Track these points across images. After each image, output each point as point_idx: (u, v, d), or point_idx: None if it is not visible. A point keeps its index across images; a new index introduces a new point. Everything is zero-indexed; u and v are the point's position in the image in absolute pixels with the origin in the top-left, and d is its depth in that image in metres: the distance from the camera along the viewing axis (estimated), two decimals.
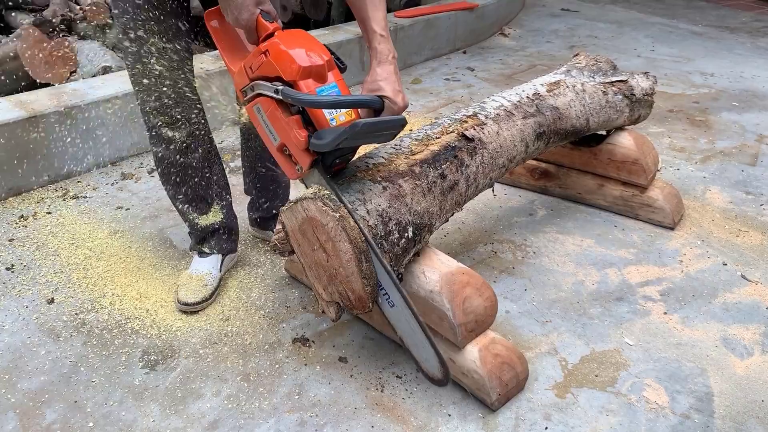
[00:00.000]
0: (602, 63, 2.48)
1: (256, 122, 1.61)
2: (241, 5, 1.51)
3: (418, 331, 1.57)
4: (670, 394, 1.74)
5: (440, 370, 1.58)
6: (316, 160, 1.56)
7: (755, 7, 6.32)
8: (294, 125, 1.51)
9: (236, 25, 1.58)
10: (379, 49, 1.60)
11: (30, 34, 3.34)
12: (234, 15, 1.54)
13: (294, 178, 1.63)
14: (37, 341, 1.89)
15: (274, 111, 1.53)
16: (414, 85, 4.08)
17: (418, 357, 1.63)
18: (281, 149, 1.58)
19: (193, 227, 2.10)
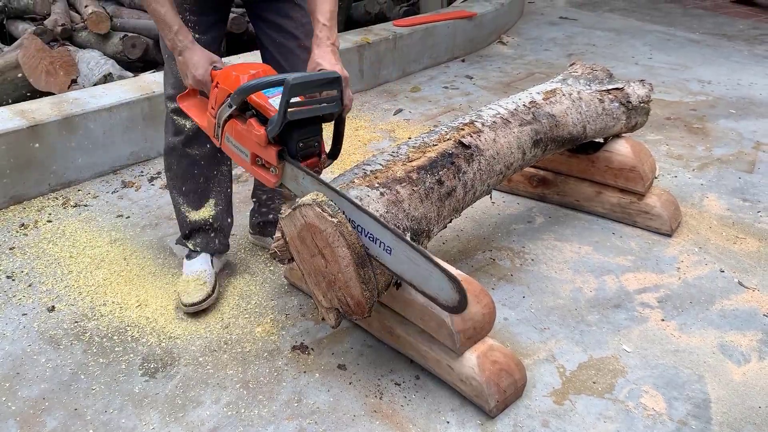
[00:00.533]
0: (598, 71, 2.49)
1: (231, 154, 1.75)
2: (197, 64, 1.76)
3: (421, 263, 1.50)
4: (667, 401, 1.75)
5: (455, 290, 1.49)
6: (281, 152, 1.64)
7: (752, 15, 6.36)
8: (252, 127, 1.64)
9: (195, 85, 1.80)
10: (319, 36, 1.76)
11: (31, 43, 3.36)
12: (192, 74, 1.77)
13: (273, 183, 1.70)
14: (38, 349, 1.90)
15: (235, 127, 1.69)
16: (413, 93, 4.10)
17: (432, 292, 1.54)
18: (254, 161, 1.69)
19: (183, 220, 2.16)
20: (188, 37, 1.78)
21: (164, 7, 1.74)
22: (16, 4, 4.20)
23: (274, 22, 2.01)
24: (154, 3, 1.74)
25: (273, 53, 2.03)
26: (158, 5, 1.74)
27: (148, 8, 1.77)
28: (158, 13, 1.75)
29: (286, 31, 2.01)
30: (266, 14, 2.01)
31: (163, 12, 1.74)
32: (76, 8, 4.29)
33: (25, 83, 3.26)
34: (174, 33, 1.76)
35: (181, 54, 1.78)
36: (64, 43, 3.90)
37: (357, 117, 3.68)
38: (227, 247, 2.25)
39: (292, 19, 2.00)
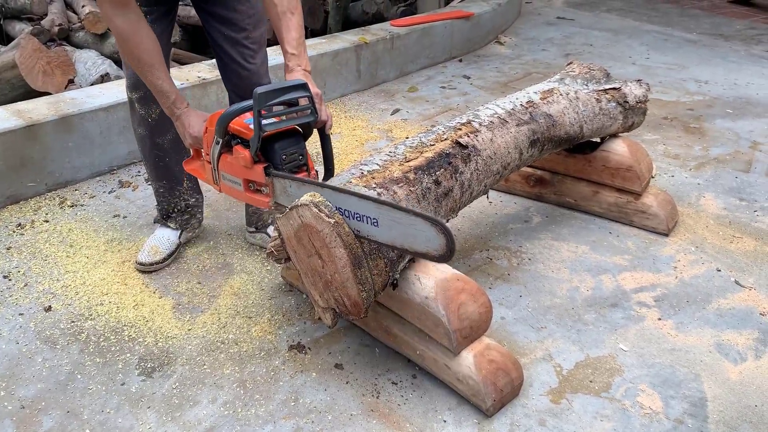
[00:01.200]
0: (595, 71, 2.50)
1: (229, 192, 1.83)
2: (193, 124, 1.87)
3: (404, 219, 1.48)
4: (664, 400, 1.75)
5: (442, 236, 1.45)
6: (267, 168, 1.70)
7: (749, 16, 6.37)
8: (237, 152, 1.73)
9: (193, 142, 1.90)
10: (290, 65, 1.84)
11: (28, 43, 3.35)
12: (189, 134, 1.88)
13: (267, 204, 1.77)
14: (34, 349, 1.90)
15: (224, 161, 1.78)
16: (410, 93, 4.11)
17: (420, 247, 1.50)
18: (247, 187, 1.77)
19: (161, 203, 2.34)
20: (184, 104, 1.89)
21: (160, 80, 1.84)
22: (13, 4, 4.19)
23: (222, 15, 2.07)
24: (150, 76, 1.83)
25: (223, 46, 2.11)
26: (154, 78, 1.83)
27: (146, 80, 1.86)
28: (155, 85, 1.85)
29: (233, 23, 2.08)
30: (213, 9, 2.07)
31: (159, 84, 1.84)
32: (73, 8, 4.28)
33: (22, 83, 3.26)
34: (171, 102, 1.87)
35: (179, 119, 1.89)
36: (61, 43, 3.90)
37: (354, 117, 3.68)
38: (200, 221, 2.44)
39: (238, 12, 2.07)
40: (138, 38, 1.77)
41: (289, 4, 1.83)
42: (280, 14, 1.83)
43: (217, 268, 2.29)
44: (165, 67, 1.85)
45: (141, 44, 1.78)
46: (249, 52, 2.12)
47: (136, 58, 1.81)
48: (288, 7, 1.83)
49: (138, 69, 1.84)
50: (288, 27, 1.83)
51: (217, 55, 2.16)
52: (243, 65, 2.12)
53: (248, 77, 2.14)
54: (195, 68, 3.35)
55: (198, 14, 2.14)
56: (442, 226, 1.44)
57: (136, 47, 1.78)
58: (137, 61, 1.81)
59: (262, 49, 2.17)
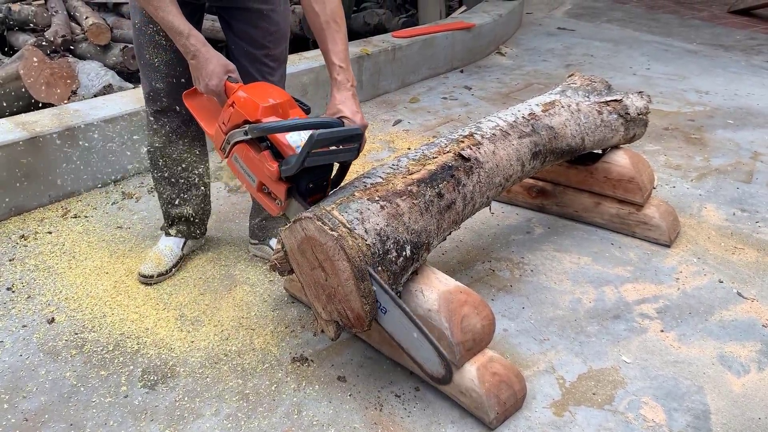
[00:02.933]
0: (597, 83, 2.51)
1: (236, 172, 1.78)
2: (211, 73, 1.75)
3: (413, 330, 1.55)
4: (667, 412, 1.75)
5: (441, 364, 1.55)
6: (290, 189, 1.68)
7: (749, 26, 6.39)
8: (265, 159, 1.67)
9: (207, 93, 1.80)
10: (338, 79, 1.77)
11: (32, 55, 3.38)
12: (205, 82, 1.77)
13: (276, 212, 1.75)
14: (37, 361, 1.90)
15: (246, 153, 1.70)
16: (412, 104, 4.12)
17: (419, 360, 1.60)
18: (260, 188, 1.74)
19: (167, 212, 2.34)
20: (200, 40, 1.76)
21: (171, 14, 1.73)
22: (17, 15, 4.22)
23: (243, 31, 2.05)
24: (161, 12, 1.73)
25: (242, 62, 2.09)
26: (166, 13, 1.73)
27: (156, 17, 1.77)
28: (166, 21, 1.74)
29: (254, 40, 2.06)
30: (236, 24, 2.06)
31: (170, 19, 1.74)
32: (76, 19, 4.31)
33: (25, 94, 3.28)
34: (186, 37, 1.75)
35: (195, 57, 1.76)
36: (64, 54, 3.92)
37: None
38: (204, 232, 2.44)
39: (259, 28, 2.05)
40: None
41: (333, 15, 1.77)
42: (324, 24, 1.77)
43: (220, 279, 2.29)
44: (176, 4, 1.76)
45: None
46: (267, 69, 2.09)
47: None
48: (332, 16, 1.77)
49: (148, 4, 1.74)
50: (334, 39, 1.77)
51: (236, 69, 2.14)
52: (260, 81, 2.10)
53: None
54: None
55: (221, 26, 2.12)
56: (446, 360, 1.54)
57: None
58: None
59: (282, 67, 2.15)
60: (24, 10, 4.22)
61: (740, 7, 6.83)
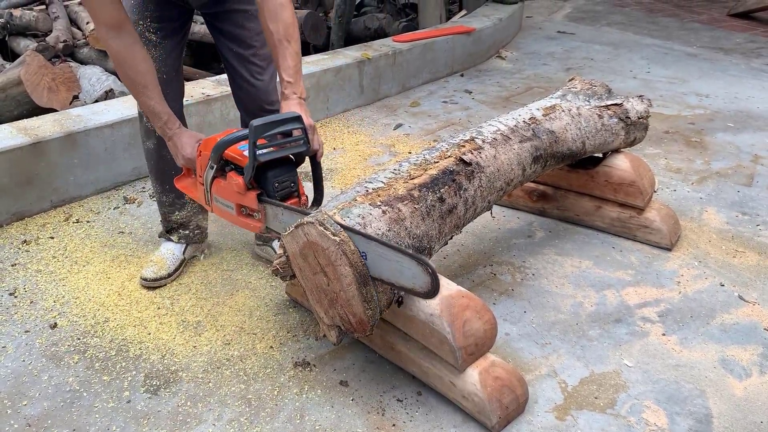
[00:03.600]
0: (597, 87, 2.52)
1: (221, 214, 1.88)
2: (185, 144, 1.91)
3: (391, 255, 1.52)
4: (669, 416, 1.75)
5: (427, 274, 1.49)
6: (260, 196, 1.76)
7: (749, 29, 6.41)
8: (231, 179, 1.78)
9: (186, 163, 1.94)
10: (285, 93, 1.87)
11: (33, 60, 3.38)
12: (181, 155, 1.92)
13: (258, 228, 1.82)
14: (40, 366, 1.90)
15: (218, 186, 1.83)
16: (412, 108, 4.13)
17: (406, 282, 1.54)
18: (239, 211, 1.83)
19: (166, 218, 2.36)
20: (176, 124, 1.93)
21: (153, 100, 1.87)
22: (19, 20, 4.24)
23: (231, 32, 2.11)
24: (143, 97, 1.87)
25: (232, 63, 2.16)
26: (147, 99, 1.87)
27: (138, 101, 1.91)
28: (148, 106, 1.88)
29: (242, 40, 2.12)
30: (223, 25, 2.12)
31: (152, 105, 1.88)
32: (77, 25, 4.33)
33: (27, 100, 3.28)
34: (164, 122, 1.91)
35: (171, 139, 1.93)
36: (65, 59, 3.93)
37: (357, 132, 3.70)
38: (205, 236, 2.45)
39: (247, 29, 2.11)
40: (132, 61, 1.81)
41: (286, 32, 1.85)
42: (277, 42, 1.85)
43: (221, 284, 2.30)
44: (158, 88, 1.88)
45: (135, 66, 1.82)
46: (256, 68, 2.15)
47: (130, 79, 1.85)
48: (284, 35, 1.85)
49: (132, 90, 1.88)
50: (284, 55, 1.85)
51: (228, 71, 2.20)
52: (251, 82, 2.15)
53: (256, 94, 2.17)
54: (199, 84, 3.38)
55: (209, 31, 2.18)
56: (427, 264, 1.48)
57: (130, 69, 1.82)
58: (131, 82, 1.85)
59: (271, 66, 2.19)
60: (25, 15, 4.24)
61: (740, 10, 6.85)
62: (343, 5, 4.98)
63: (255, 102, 2.20)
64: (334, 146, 3.48)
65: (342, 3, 4.96)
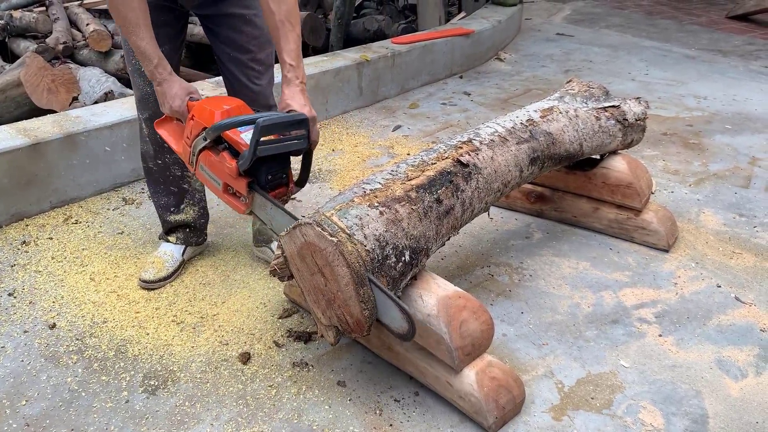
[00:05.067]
0: (594, 89, 2.53)
1: (204, 180, 1.87)
2: (174, 95, 1.87)
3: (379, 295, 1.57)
4: (665, 417, 1.76)
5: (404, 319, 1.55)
6: (251, 184, 1.76)
7: (747, 31, 6.42)
8: (224, 159, 1.77)
9: (172, 114, 1.91)
10: (288, 77, 1.85)
11: (33, 62, 3.39)
12: (169, 104, 1.88)
13: (242, 210, 1.82)
14: (39, 366, 1.91)
15: (208, 158, 1.81)
16: (411, 110, 4.14)
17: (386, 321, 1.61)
18: (225, 189, 1.81)
19: (164, 220, 2.36)
20: (167, 69, 1.88)
21: (144, 41, 1.83)
22: (18, 22, 4.24)
23: (228, 36, 2.11)
24: (134, 36, 1.82)
25: (229, 67, 2.16)
26: (138, 39, 1.82)
27: (129, 41, 1.86)
28: (138, 46, 1.83)
29: (238, 45, 2.12)
30: (219, 29, 2.11)
31: (143, 45, 1.83)
32: (77, 26, 4.34)
33: (27, 101, 3.29)
34: (154, 66, 1.85)
35: (160, 85, 1.88)
36: (65, 61, 3.94)
37: (356, 133, 3.71)
38: (204, 238, 2.45)
39: (243, 33, 2.10)
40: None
41: (288, 15, 1.83)
42: (278, 23, 1.83)
43: (220, 284, 2.30)
44: (151, 31, 1.83)
45: (128, 2, 1.78)
46: (254, 73, 2.15)
47: (123, 16, 1.80)
48: (287, 16, 1.83)
49: (123, 27, 1.83)
50: (287, 37, 1.84)
51: (224, 75, 2.20)
52: (248, 86, 2.15)
53: (254, 98, 2.17)
54: (198, 86, 3.38)
55: (205, 33, 2.17)
56: (408, 315, 1.53)
57: (123, 5, 1.78)
58: (123, 20, 1.81)
59: (269, 71, 2.20)
60: (25, 17, 4.25)
61: (738, 12, 6.86)
62: (342, 7, 4.99)
63: (252, 106, 2.20)
64: (333, 148, 3.49)
65: (341, 5, 4.97)
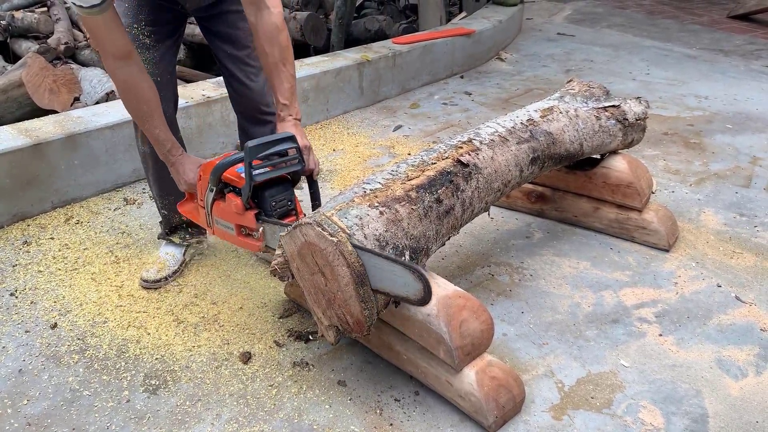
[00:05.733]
0: (595, 89, 2.53)
1: (222, 235, 1.92)
2: (187, 171, 1.96)
3: (385, 264, 1.55)
4: (665, 416, 1.76)
5: (419, 282, 1.51)
6: (257, 215, 1.80)
7: (748, 31, 6.41)
8: (230, 201, 1.83)
9: (188, 188, 1.99)
10: (281, 115, 1.92)
11: (35, 62, 3.40)
12: (184, 180, 1.97)
13: (258, 248, 1.86)
14: (40, 366, 1.91)
15: (218, 207, 1.88)
16: (412, 110, 4.14)
17: (400, 290, 1.57)
18: (239, 232, 1.87)
19: (166, 219, 2.37)
20: (179, 151, 1.97)
21: (157, 129, 1.90)
22: (20, 22, 4.26)
23: (224, 33, 2.13)
24: (147, 125, 1.90)
25: (227, 65, 2.17)
26: (152, 127, 1.90)
27: (143, 129, 1.93)
28: (152, 134, 1.91)
29: (236, 41, 2.14)
30: (216, 27, 2.13)
31: (156, 133, 1.91)
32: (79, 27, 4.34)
33: (28, 101, 3.30)
34: (167, 150, 1.95)
35: (173, 165, 1.98)
36: (67, 61, 3.95)
37: (357, 133, 3.71)
38: (205, 238, 2.46)
39: (240, 29, 2.12)
40: (139, 90, 1.84)
41: (281, 55, 1.87)
42: (272, 65, 1.88)
43: (221, 284, 2.31)
44: (162, 117, 1.91)
45: (141, 95, 1.84)
46: (251, 69, 2.16)
47: (135, 109, 1.88)
48: (280, 58, 1.87)
49: (137, 118, 1.91)
50: (280, 78, 1.89)
51: (224, 75, 2.21)
52: (245, 83, 2.16)
53: (251, 96, 2.18)
54: (199, 86, 3.39)
55: (203, 34, 2.19)
56: (419, 273, 1.50)
57: (135, 98, 1.85)
58: (136, 111, 1.88)
59: None
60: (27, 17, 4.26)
61: (740, 12, 6.85)
62: (343, 7, 4.99)
63: (251, 104, 2.22)
64: (334, 148, 3.49)
65: (342, 5, 4.98)
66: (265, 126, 2.27)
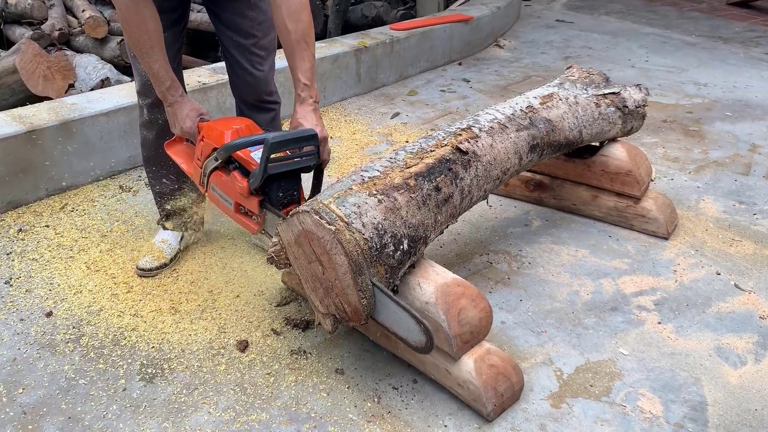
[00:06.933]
0: (595, 75, 2.51)
1: (216, 201, 1.88)
2: (185, 117, 1.90)
3: (392, 307, 1.56)
4: (664, 404, 1.76)
5: (424, 335, 1.52)
6: (262, 202, 1.77)
7: (748, 18, 6.38)
8: (235, 179, 1.78)
9: (183, 134, 1.93)
10: (302, 96, 1.83)
11: (29, 48, 3.36)
12: (180, 125, 1.91)
13: (254, 230, 1.83)
14: (36, 355, 1.90)
15: (219, 178, 1.83)
16: (410, 97, 4.11)
17: (402, 333, 1.59)
18: (237, 209, 1.82)
19: (162, 206, 2.35)
20: (179, 91, 1.90)
21: (157, 63, 1.83)
22: (14, 8, 4.20)
23: (232, 21, 2.09)
24: (147, 58, 1.82)
25: (232, 52, 2.13)
26: (152, 61, 1.82)
27: (142, 63, 1.85)
28: (151, 68, 1.84)
29: (243, 30, 2.09)
30: (223, 14, 2.09)
31: (156, 68, 1.83)
32: (73, 13, 4.29)
33: (22, 88, 3.27)
34: (166, 88, 1.87)
35: (171, 106, 1.91)
36: (61, 47, 3.91)
37: (354, 120, 3.69)
38: (201, 225, 2.44)
39: (247, 18, 2.08)
40: (141, 18, 1.76)
41: (304, 34, 1.80)
42: (294, 42, 1.80)
43: (218, 272, 2.29)
44: (164, 52, 1.83)
45: (143, 24, 1.77)
46: (257, 58, 2.13)
47: (136, 39, 1.80)
48: (303, 36, 1.80)
49: (137, 50, 1.82)
50: (302, 57, 1.81)
51: (227, 60, 2.18)
52: (250, 72, 2.13)
53: (255, 84, 2.15)
54: (195, 72, 3.36)
55: (210, 18, 2.15)
56: (425, 326, 1.51)
57: (137, 27, 1.77)
58: (137, 42, 1.80)
59: (271, 56, 2.18)
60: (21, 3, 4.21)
61: None
62: None
63: (254, 92, 2.19)
64: (331, 135, 3.47)
65: None
66: (266, 113, 2.24)
